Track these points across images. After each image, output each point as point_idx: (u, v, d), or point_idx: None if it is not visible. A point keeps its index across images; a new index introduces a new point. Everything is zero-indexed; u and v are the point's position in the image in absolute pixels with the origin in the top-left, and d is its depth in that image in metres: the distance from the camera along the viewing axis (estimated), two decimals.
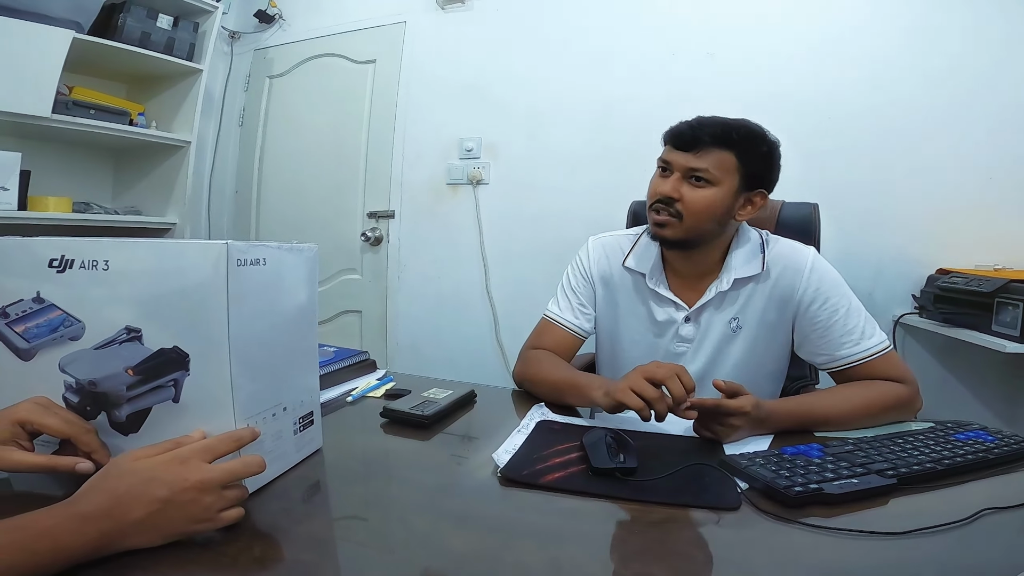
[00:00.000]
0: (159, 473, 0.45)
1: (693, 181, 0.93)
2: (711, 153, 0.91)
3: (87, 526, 0.42)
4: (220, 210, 2.78)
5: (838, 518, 0.56)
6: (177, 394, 0.52)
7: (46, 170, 2.06)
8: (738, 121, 0.94)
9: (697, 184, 0.93)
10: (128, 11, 2.10)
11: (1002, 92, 1.67)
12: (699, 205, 0.92)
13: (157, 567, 0.44)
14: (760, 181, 0.95)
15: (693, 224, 0.93)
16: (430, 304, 2.35)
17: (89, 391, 0.54)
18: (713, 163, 0.91)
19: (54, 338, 0.55)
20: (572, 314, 1.07)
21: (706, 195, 0.92)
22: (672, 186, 0.93)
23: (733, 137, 0.92)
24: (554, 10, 2.16)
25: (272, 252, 0.58)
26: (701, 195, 0.92)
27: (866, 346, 0.90)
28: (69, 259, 0.55)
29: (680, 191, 0.93)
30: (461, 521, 0.56)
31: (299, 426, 0.64)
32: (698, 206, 0.92)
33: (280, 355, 0.60)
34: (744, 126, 0.94)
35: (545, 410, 0.87)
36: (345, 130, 2.51)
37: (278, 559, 0.48)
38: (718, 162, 0.92)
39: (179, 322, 0.52)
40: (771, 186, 0.98)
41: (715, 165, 0.91)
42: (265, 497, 0.57)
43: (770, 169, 0.96)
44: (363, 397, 0.95)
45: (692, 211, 0.92)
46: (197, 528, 0.47)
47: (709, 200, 0.92)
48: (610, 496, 0.59)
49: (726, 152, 0.92)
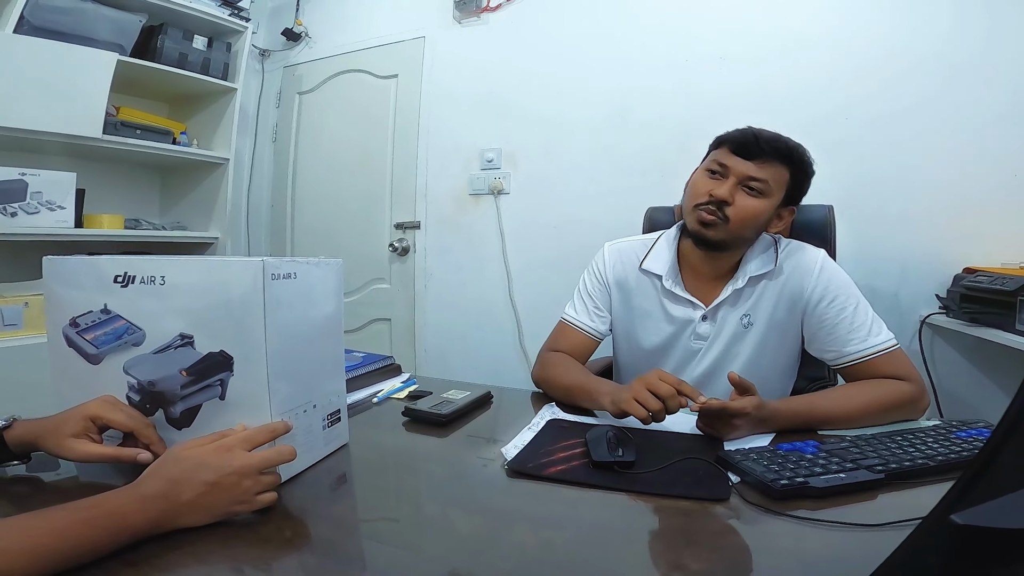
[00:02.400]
0: (207, 460, 0.52)
1: (748, 189, 0.97)
2: (771, 166, 0.96)
3: (148, 506, 0.49)
4: (258, 223, 2.93)
5: (824, 511, 0.59)
6: (223, 392, 0.60)
7: (98, 188, 2.20)
8: (792, 140, 0.99)
9: (750, 193, 0.97)
10: (166, 33, 2.23)
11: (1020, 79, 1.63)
12: (748, 213, 0.97)
13: (204, 542, 0.51)
14: (796, 199, 1.01)
15: (737, 229, 0.98)
16: (456, 311, 2.43)
17: (149, 390, 0.63)
18: (771, 175, 0.96)
19: (119, 344, 0.64)
20: (588, 317, 1.12)
21: (757, 204, 0.97)
22: (728, 190, 0.96)
23: (792, 155, 0.97)
24: (566, 21, 2.21)
25: (302, 267, 0.65)
26: (752, 203, 0.97)
27: (872, 343, 0.92)
28: (131, 275, 0.63)
29: (734, 196, 0.97)
30: (468, 508, 0.62)
31: (327, 422, 0.72)
32: (747, 213, 0.97)
33: (310, 358, 0.68)
34: (799, 146, 0.99)
35: (556, 409, 0.93)
36: (371, 143, 2.61)
37: (306, 538, 0.55)
38: (775, 175, 0.96)
39: (224, 329, 0.59)
40: (799, 204, 1.04)
41: (772, 178, 0.96)
42: (296, 485, 0.64)
43: (806, 185, 1.02)
44: (388, 398, 1.02)
45: (740, 217, 0.97)
46: (237, 509, 0.54)
47: (758, 210, 0.97)
48: (608, 487, 0.64)
49: (783, 168, 0.97)
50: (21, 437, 0.60)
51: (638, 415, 0.78)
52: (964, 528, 0.19)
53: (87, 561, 0.45)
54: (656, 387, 0.79)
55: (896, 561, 0.23)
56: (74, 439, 0.58)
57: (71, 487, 0.64)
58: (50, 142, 1.90)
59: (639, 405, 0.78)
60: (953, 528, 0.20)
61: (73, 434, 0.58)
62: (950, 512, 0.20)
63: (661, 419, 0.78)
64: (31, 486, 0.63)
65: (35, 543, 0.43)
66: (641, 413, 0.78)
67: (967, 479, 0.21)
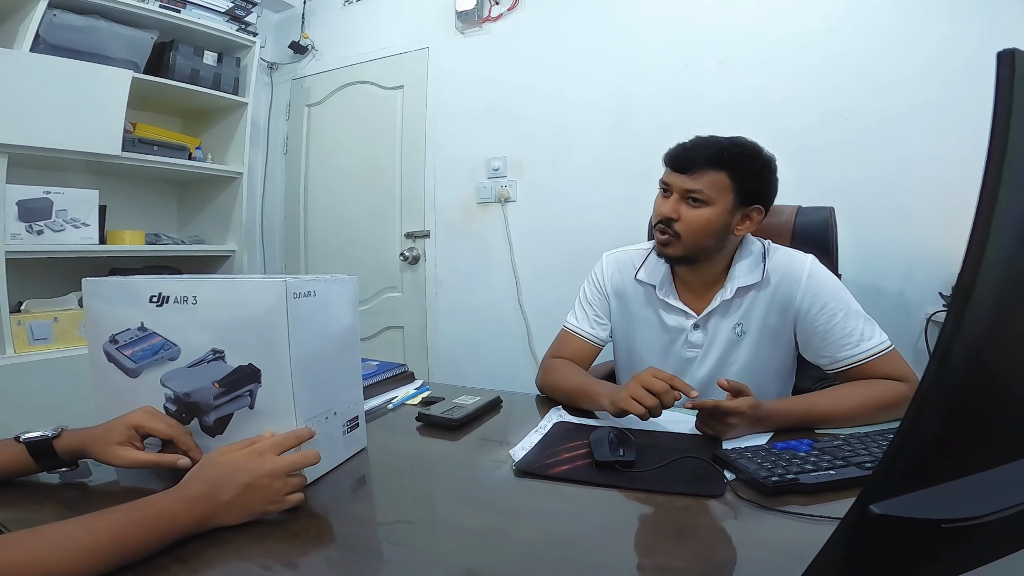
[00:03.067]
0: (242, 463, 0.58)
1: (690, 202, 1.00)
2: (705, 174, 0.98)
3: (192, 506, 0.54)
4: (272, 235, 3.01)
5: (813, 506, 0.62)
6: (252, 402, 0.65)
7: (118, 204, 2.27)
8: (731, 140, 1.00)
9: (694, 204, 1.00)
10: (177, 49, 2.28)
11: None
12: (695, 224, 1.00)
13: (240, 539, 0.56)
14: (756, 197, 1.01)
15: (691, 241, 1.01)
16: (467, 318, 2.48)
17: (184, 401, 0.68)
18: (707, 184, 0.98)
19: (156, 359, 0.69)
20: (589, 325, 1.16)
21: (701, 215, 1.00)
22: (671, 207, 1.01)
23: (725, 157, 0.98)
24: (566, 30, 2.26)
25: (320, 285, 0.70)
26: (697, 215, 1.00)
27: (865, 347, 0.94)
28: (165, 296, 0.68)
29: (679, 211, 1.00)
30: (477, 505, 0.67)
31: (346, 428, 0.77)
32: (694, 225, 1.00)
33: (330, 368, 0.73)
34: (736, 145, 0.99)
35: (562, 412, 0.97)
36: (380, 154, 2.67)
37: (330, 535, 0.60)
38: (711, 183, 0.98)
39: (252, 344, 0.65)
40: (768, 201, 1.03)
41: (708, 186, 0.98)
42: (320, 487, 0.69)
43: (764, 185, 1.02)
44: (402, 404, 1.07)
45: (689, 230, 1.00)
46: (269, 508, 0.59)
47: (705, 219, 1.00)
48: (609, 485, 0.68)
49: (719, 172, 0.98)
50: (70, 445, 0.65)
51: (636, 412, 0.82)
52: (881, 517, 0.23)
53: (142, 558, 0.50)
54: (650, 384, 0.83)
55: (830, 548, 0.26)
56: (119, 447, 0.63)
57: (115, 491, 0.69)
58: (71, 160, 1.97)
59: (636, 403, 0.83)
60: (872, 517, 0.23)
61: (119, 442, 0.63)
62: (868, 503, 0.24)
63: (658, 414, 0.83)
64: (79, 491, 0.69)
65: (98, 542, 0.48)
66: (639, 410, 0.82)
67: (880, 474, 0.24)
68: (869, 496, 0.24)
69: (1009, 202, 0.26)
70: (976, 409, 0.28)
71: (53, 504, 0.65)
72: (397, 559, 0.57)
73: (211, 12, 2.35)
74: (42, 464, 0.66)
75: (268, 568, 0.53)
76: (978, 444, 0.28)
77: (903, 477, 0.24)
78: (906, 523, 0.24)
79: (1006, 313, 0.29)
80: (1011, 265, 0.26)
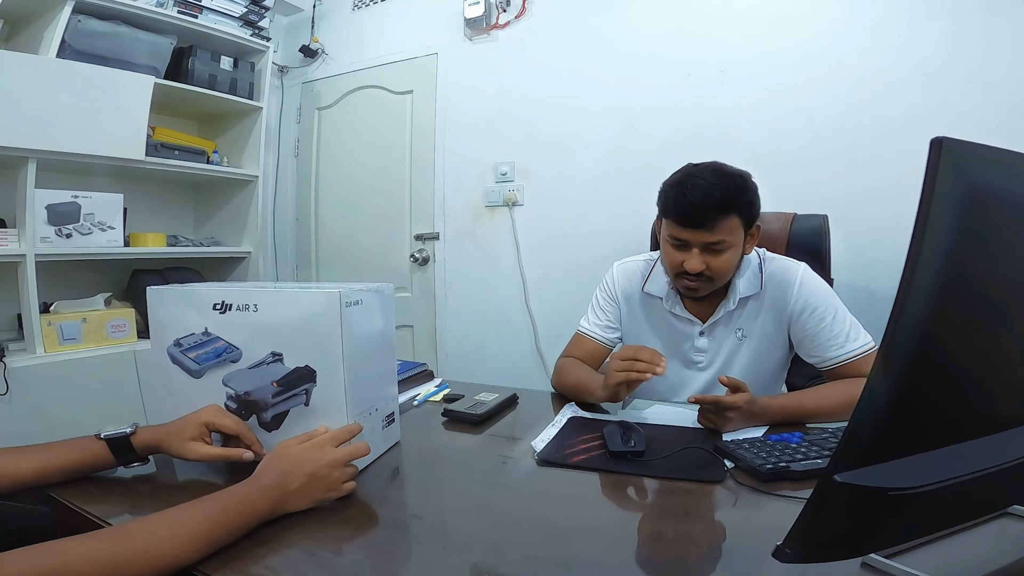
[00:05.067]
0: (306, 455, 0.66)
1: (712, 252, 1.03)
2: (721, 224, 1.01)
3: (269, 493, 0.62)
4: (284, 237, 3.08)
5: (804, 491, 0.70)
6: (307, 400, 0.74)
7: (138, 207, 2.33)
8: (722, 180, 1.01)
9: (717, 252, 1.03)
10: (195, 55, 2.34)
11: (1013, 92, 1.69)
12: (725, 268, 1.06)
13: (308, 523, 0.64)
14: (754, 219, 1.08)
15: (721, 280, 1.08)
16: (475, 318, 2.56)
17: (244, 399, 0.77)
18: (726, 232, 1.02)
19: (218, 362, 0.78)
20: (601, 328, 1.26)
21: (728, 258, 1.05)
22: (699, 261, 1.03)
23: (731, 203, 1.01)
24: (572, 37, 2.32)
25: (366, 294, 0.79)
26: (724, 259, 1.04)
27: (850, 348, 1.04)
28: (228, 303, 0.77)
29: (706, 262, 1.03)
30: (506, 491, 0.76)
31: (385, 423, 0.85)
32: (725, 269, 1.06)
33: (373, 368, 0.81)
34: (732, 184, 1.01)
35: (575, 408, 1.06)
36: (390, 158, 2.74)
37: (378, 518, 0.68)
38: (728, 229, 1.02)
39: (308, 347, 0.73)
40: (759, 215, 1.09)
41: (727, 233, 1.02)
42: (364, 477, 0.77)
43: (756, 207, 1.07)
44: (426, 401, 1.15)
45: (721, 274, 1.06)
46: (329, 496, 0.67)
47: (731, 260, 1.06)
48: (622, 472, 0.77)
49: (730, 217, 1.01)
50: (145, 441, 0.73)
51: (622, 378, 0.93)
52: (842, 485, 0.31)
53: (230, 542, 0.58)
54: (624, 355, 0.95)
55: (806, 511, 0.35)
56: (192, 442, 0.71)
57: (180, 483, 0.78)
58: (97, 164, 2.03)
59: (619, 373, 0.93)
60: (836, 485, 0.31)
61: (191, 438, 0.72)
62: (833, 473, 0.32)
63: (640, 369, 0.92)
64: (151, 484, 0.77)
65: (196, 528, 0.55)
66: (624, 376, 0.93)
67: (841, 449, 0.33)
68: (834, 467, 0.33)
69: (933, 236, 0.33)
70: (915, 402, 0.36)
71: (132, 496, 0.73)
72: (436, 538, 0.66)
73: (226, 17, 2.41)
74: (120, 459, 0.73)
75: (339, 552, 0.61)
76: (920, 429, 0.36)
77: (860, 454, 0.33)
78: (860, 490, 0.32)
79: (936, 327, 0.36)
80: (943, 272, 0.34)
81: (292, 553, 0.59)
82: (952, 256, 0.31)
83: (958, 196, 0.31)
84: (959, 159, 0.31)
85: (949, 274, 0.31)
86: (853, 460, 0.33)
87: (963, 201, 0.31)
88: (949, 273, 0.31)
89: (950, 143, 0.31)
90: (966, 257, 0.32)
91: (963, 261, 0.32)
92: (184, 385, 0.81)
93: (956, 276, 0.32)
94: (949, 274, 0.31)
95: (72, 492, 0.70)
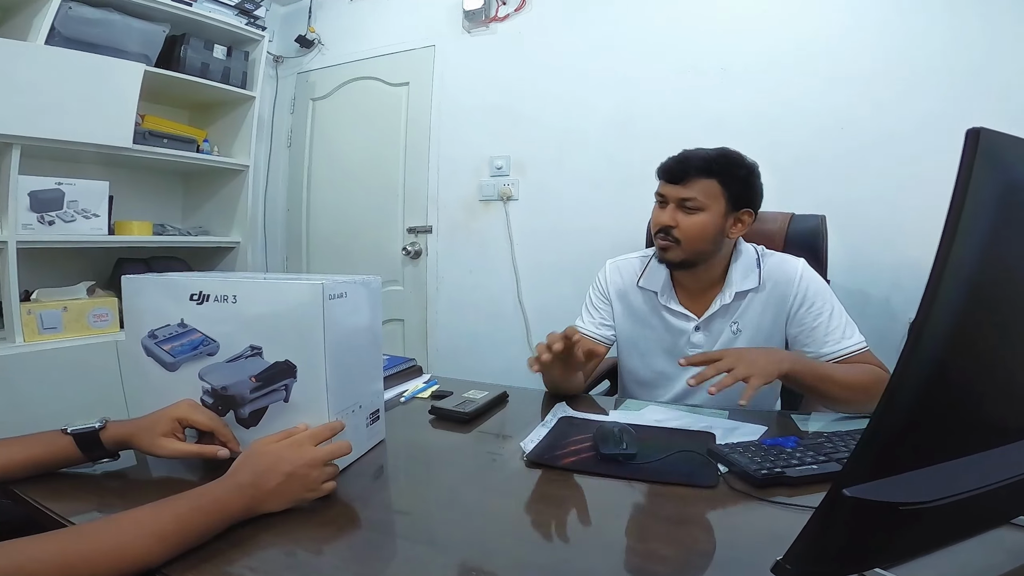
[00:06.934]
0: (284, 454, 0.63)
1: (686, 209, 1.08)
2: (697, 183, 1.07)
3: (243, 492, 0.59)
4: (275, 227, 3.04)
5: (798, 497, 0.69)
6: (287, 396, 0.71)
7: (124, 195, 2.29)
8: (717, 151, 1.08)
9: (690, 212, 1.08)
10: (188, 43, 2.30)
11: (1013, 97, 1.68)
12: (693, 230, 1.08)
13: (284, 524, 0.61)
14: (744, 201, 1.10)
15: (690, 246, 1.09)
16: (467, 313, 2.54)
17: (221, 394, 0.74)
18: (700, 191, 1.07)
19: (194, 354, 0.74)
20: (595, 327, 1.24)
21: (698, 220, 1.08)
22: (669, 216, 1.09)
23: (714, 167, 1.06)
24: (571, 32, 2.30)
25: (351, 286, 0.76)
26: (693, 220, 1.08)
27: (844, 345, 1.04)
28: (206, 294, 0.73)
29: (676, 219, 1.08)
30: (494, 493, 0.73)
31: (369, 420, 0.82)
32: (693, 231, 1.08)
33: (357, 364, 0.78)
34: (722, 154, 1.08)
35: (567, 407, 1.03)
36: (384, 150, 2.71)
37: (360, 520, 0.65)
38: (704, 190, 1.07)
39: (289, 341, 0.70)
40: (756, 204, 1.12)
41: (701, 193, 1.07)
42: (346, 476, 0.74)
43: (751, 189, 1.10)
44: (414, 398, 1.12)
45: (688, 235, 1.08)
46: (307, 496, 0.64)
47: (701, 224, 1.08)
48: (613, 475, 0.75)
49: (710, 180, 1.06)
50: (116, 437, 0.70)
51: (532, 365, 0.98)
52: (851, 499, 0.29)
53: (201, 543, 0.55)
54: None
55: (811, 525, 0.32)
56: (164, 438, 0.68)
57: (153, 481, 0.75)
58: (84, 152, 2.00)
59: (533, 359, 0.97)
60: (844, 499, 0.29)
61: (163, 433, 0.68)
62: (842, 487, 0.30)
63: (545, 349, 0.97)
64: (121, 481, 0.73)
65: (163, 528, 0.53)
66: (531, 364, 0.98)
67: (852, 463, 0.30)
68: (843, 481, 0.30)
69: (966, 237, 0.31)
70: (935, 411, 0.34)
71: (101, 494, 0.70)
72: (423, 539, 0.63)
73: (221, 6, 2.38)
74: (88, 455, 0.69)
75: (319, 553, 0.58)
76: (936, 440, 0.34)
77: (871, 466, 0.30)
78: (871, 505, 0.30)
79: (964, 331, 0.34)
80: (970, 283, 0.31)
81: (267, 555, 0.57)
82: (985, 257, 0.29)
83: (994, 191, 0.28)
84: (996, 152, 0.28)
85: (981, 277, 0.29)
86: (864, 473, 0.30)
87: (1000, 197, 0.28)
88: (981, 276, 0.29)
89: (987, 134, 0.29)
90: (999, 258, 0.29)
91: (996, 262, 0.29)
92: (159, 378, 0.77)
93: (988, 278, 0.29)
94: (981, 277, 0.29)
95: (36, 488, 0.67)
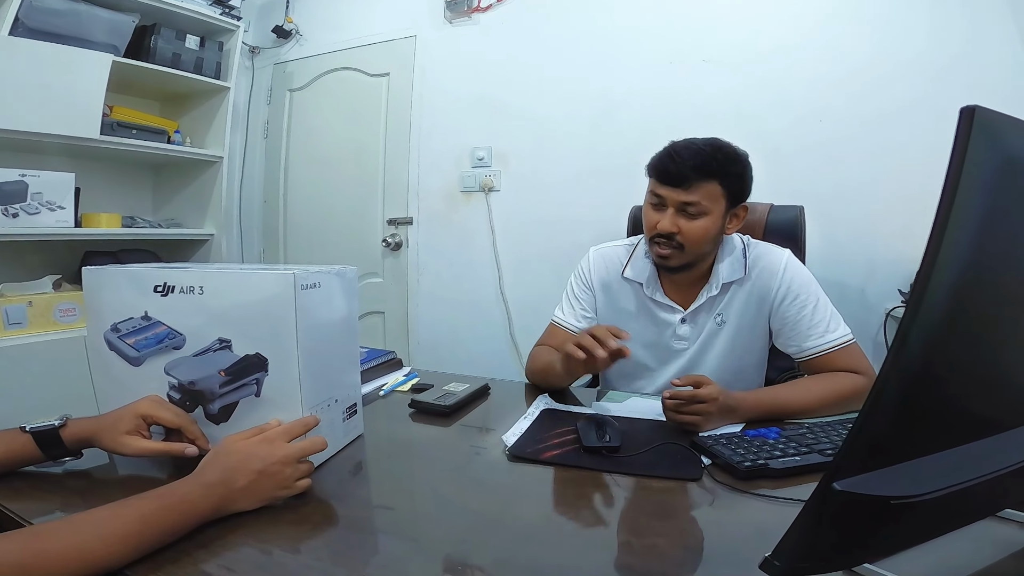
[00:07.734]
0: (255, 451, 0.60)
1: (686, 214, 1.02)
2: (699, 186, 1.00)
3: (210, 492, 0.57)
4: (250, 219, 2.97)
5: (781, 489, 0.68)
6: (259, 390, 0.68)
7: (92, 187, 2.21)
8: (713, 146, 1.01)
9: (692, 217, 1.02)
10: (159, 33, 2.24)
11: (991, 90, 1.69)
12: (697, 235, 1.02)
13: (256, 524, 0.59)
14: (741, 197, 1.06)
15: (693, 252, 1.05)
16: (448, 305, 2.51)
17: (189, 390, 0.70)
18: (702, 195, 1.00)
19: (160, 348, 0.71)
20: (575, 318, 1.20)
21: (702, 225, 1.02)
22: (671, 222, 1.02)
23: (714, 167, 0.99)
24: (554, 22, 2.28)
25: (325, 276, 0.73)
26: (697, 226, 1.02)
27: (829, 339, 1.02)
28: (171, 285, 0.70)
29: (678, 225, 1.02)
30: (475, 488, 0.71)
31: (346, 415, 0.80)
32: (697, 236, 1.02)
33: (332, 357, 0.75)
34: (720, 151, 1.01)
35: (549, 400, 1.02)
36: (364, 141, 2.66)
37: (337, 518, 0.63)
38: (707, 193, 1.00)
39: (260, 333, 0.67)
40: (748, 197, 1.08)
41: (705, 197, 1.00)
42: (322, 473, 0.72)
43: (748, 184, 1.06)
44: (393, 391, 1.10)
45: (692, 241, 1.03)
46: (280, 494, 0.62)
47: (705, 229, 1.02)
48: (597, 468, 0.73)
49: (711, 182, 1.00)
50: (76, 434, 0.66)
51: (572, 352, 0.91)
52: (842, 493, 0.28)
53: (166, 543, 0.53)
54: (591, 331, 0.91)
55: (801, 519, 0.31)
56: (127, 436, 0.65)
57: (119, 479, 0.71)
58: (48, 143, 1.93)
59: (575, 346, 0.90)
60: (835, 493, 0.28)
61: (127, 431, 0.65)
62: (832, 481, 0.28)
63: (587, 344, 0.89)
64: (86, 480, 0.70)
65: (126, 529, 0.50)
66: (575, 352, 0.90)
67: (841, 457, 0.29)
68: (833, 475, 0.29)
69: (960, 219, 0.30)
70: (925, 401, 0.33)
71: (63, 493, 0.67)
72: (402, 537, 0.61)
73: None
74: (48, 453, 0.66)
75: (295, 552, 0.56)
76: (926, 432, 0.33)
77: (861, 459, 0.29)
78: (862, 499, 0.28)
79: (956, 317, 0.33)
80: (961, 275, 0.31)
81: (238, 555, 0.54)
82: (980, 238, 0.28)
83: (990, 169, 0.27)
84: (992, 129, 0.27)
85: (975, 261, 0.28)
86: (854, 466, 0.29)
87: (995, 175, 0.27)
88: (975, 260, 0.28)
89: (983, 112, 0.27)
90: (994, 239, 0.28)
91: (991, 244, 0.28)
92: (124, 374, 0.74)
93: (984, 259, 0.28)
94: (975, 261, 0.28)
95: None
